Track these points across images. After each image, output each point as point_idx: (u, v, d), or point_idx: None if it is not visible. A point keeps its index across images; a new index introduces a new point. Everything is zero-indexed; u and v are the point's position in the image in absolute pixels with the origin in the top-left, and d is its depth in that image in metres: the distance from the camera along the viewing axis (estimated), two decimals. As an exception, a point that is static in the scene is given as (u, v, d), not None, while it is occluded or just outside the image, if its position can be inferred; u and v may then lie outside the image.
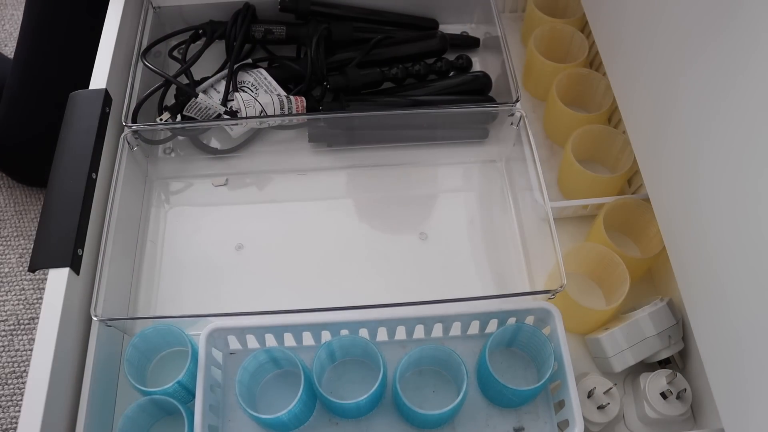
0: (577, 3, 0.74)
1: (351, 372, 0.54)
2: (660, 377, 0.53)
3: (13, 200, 1.02)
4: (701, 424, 0.54)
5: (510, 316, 0.53)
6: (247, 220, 0.66)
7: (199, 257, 0.63)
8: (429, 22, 0.78)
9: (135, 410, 0.51)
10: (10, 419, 0.85)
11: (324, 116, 0.66)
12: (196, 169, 0.69)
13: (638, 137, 0.58)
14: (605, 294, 0.61)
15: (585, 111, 0.66)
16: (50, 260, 0.54)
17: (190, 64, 0.68)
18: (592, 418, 0.53)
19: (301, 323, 0.52)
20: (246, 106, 0.66)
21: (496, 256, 0.64)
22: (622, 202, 0.60)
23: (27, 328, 0.91)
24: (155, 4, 0.74)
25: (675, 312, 0.55)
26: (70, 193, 0.57)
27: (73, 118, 0.62)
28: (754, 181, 0.41)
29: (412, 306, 0.52)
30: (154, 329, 0.54)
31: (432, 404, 0.52)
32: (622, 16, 0.60)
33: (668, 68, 0.51)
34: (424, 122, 0.68)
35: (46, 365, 0.49)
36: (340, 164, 0.69)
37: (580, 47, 0.71)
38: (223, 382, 0.53)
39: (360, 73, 0.70)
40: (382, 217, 0.66)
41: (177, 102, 0.67)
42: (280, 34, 0.73)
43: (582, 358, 0.59)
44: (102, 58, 0.66)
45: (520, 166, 0.64)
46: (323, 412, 0.52)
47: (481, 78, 0.72)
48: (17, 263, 0.96)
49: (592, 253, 0.59)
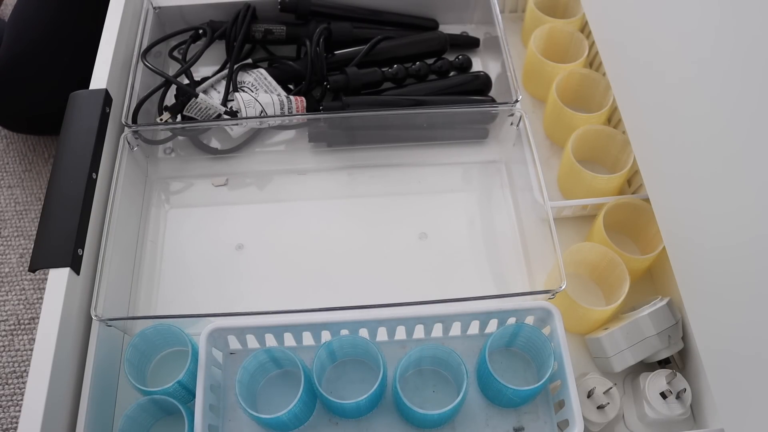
0: (577, 3, 0.74)
1: (351, 372, 0.54)
2: (659, 377, 0.53)
3: (13, 200, 1.02)
4: (701, 424, 0.54)
5: (510, 316, 0.53)
6: (247, 220, 0.66)
7: (200, 257, 0.63)
8: (429, 22, 0.78)
9: (135, 410, 0.51)
10: (10, 419, 0.85)
11: (324, 116, 0.66)
12: (197, 169, 0.69)
13: (638, 137, 0.58)
14: (605, 294, 0.61)
15: (585, 111, 0.66)
16: (50, 260, 0.54)
17: (190, 64, 0.68)
18: (591, 418, 0.53)
19: (301, 323, 0.52)
20: (246, 106, 0.66)
21: (496, 256, 0.64)
22: (621, 202, 0.60)
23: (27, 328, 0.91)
24: (155, 4, 0.74)
25: (674, 312, 0.55)
26: (71, 193, 0.57)
27: (73, 118, 0.62)
28: (754, 181, 0.41)
29: (411, 306, 0.52)
30: (154, 329, 0.54)
31: (432, 404, 0.52)
32: (623, 16, 0.60)
33: (668, 67, 0.51)
34: (424, 122, 0.68)
35: (46, 365, 0.49)
36: (340, 164, 0.69)
37: (579, 47, 0.71)
38: (223, 382, 0.53)
39: (360, 73, 0.70)
40: (382, 217, 0.66)
41: (177, 102, 0.67)
42: (280, 34, 0.73)
43: (582, 358, 0.59)
44: (102, 58, 0.66)
45: (519, 166, 0.64)
46: (323, 412, 0.52)
47: (481, 78, 0.72)
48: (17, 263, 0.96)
49: (591, 253, 0.59)
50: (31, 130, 1.05)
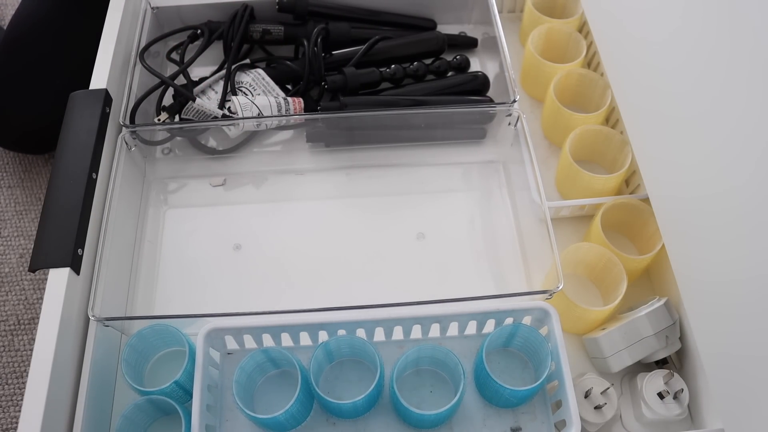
0: (575, 3, 0.74)
1: (348, 372, 0.54)
2: (657, 377, 0.53)
3: (13, 200, 1.02)
4: (698, 424, 0.54)
5: (507, 316, 0.53)
6: (245, 220, 0.66)
7: (197, 257, 0.64)
8: (427, 22, 0.78)
9: (132, 410, 0.51)
10: (10, 419, 0.85)
11: (322, 116, 0.66)
12: (194, 169, 0.69)
13: (638, 137, 0.58)
14: (603, 294, 0.61)
15: (583, 111, 0.66)
16: (50, 260, 0.54)
17: (187, 65, 0.68)
18: (589, 419, 0.53)
19: (298, 323, 0.52)
20: (243, 109, 0.66)
21: (494, 256, 0.64)
22: (619, 202, 0.60)
23: (27, 328, 0.91)
24: (153, 4, 0.74)
25: (672, 312, 0.55)
26: (71, 193, 0.57)
27: (73, 118, 0.62)
28: (754, 181, 0.41)
29: (409, 306, 0.52)
30: (151, 329, 0.54)
31: (429, 404, 0.52)
32: (623, 16, 0.60)
33: (668, 67, 0.51)
34: (421, 122, 0.68)
35: (46, 365, 0.49)
36: (338, 164, 0.69)
37: (577, 47, 0.71)
38: (220, 382, 0.53)
39: (358, 73, 0.70)
40: (380, 217, 0.66)
41: (175, 102, 0.67)
42: (278, 35, 0.73)
43: (579, 359, 0.59)
44: (102, 58, 0.66)
45: (517, 166, 0.64)
46: (320, 412, 0.52)
47: (479, 78, 0.72)
48: (17, 263, 0.96)
49: (589, 254, 0.59)
50: (21, 148, 1.02)
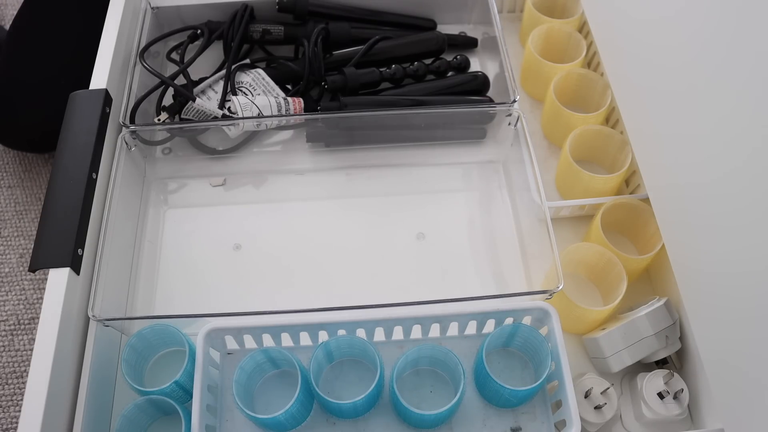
0: (575, 3, 0.74)
1: (348, 372, 0.54)
2: (657, 377, 0.53)
3: (13, 200, 1.02)
4: (698, 424, 0.54)
5: (507, 316, 0.53)
6: (245, 220, 0.66)
7: (197, 257, 0.64)
8: (427, 22, 0.78)
9: (132, 410, 0.51)
10: (10, 419, 0.85)
11: (322, 116, 0.66)
12: (194, 169, 0.69)
13: (638, 137, 0.58)
14: (603, 294, 0.61)
15: (583, 111, 0.66)
16: (50, 260, 0.54)
17: (187, 65, 0.68)
18: (589, 419, 0.53)
19: (298, 323, 0.52)
20: (243, 109, 0.66)
21: (494, 256, 0.64)
22: (619, 202, 0.60)
23: (27, 328, 0.91)
24: (153, 4, 0.74)
25: (672, 312, 0.55)
26: (71, 193, 0.57)
27: (73, 118, 0.62)
28: (754, 180, 0.41)
29: (409, 306, 0.52)
30: (151, 329, 0.54)
31: (429, 404, 0.52)
32: (623, 16, 0.60)
33: (668, 67, 0.51)
34: (422, 122, 0.68)
35: (46, 365, 0.49)
36: (338, 164, 0.69)
37: (577, 47, 0.71)
38: (220, 382, 0.53)
39: (358, 73, 0.70)
40: (380, 217, 0.66)
41: (175, 102, 0.67)
42: (279, 35, 0.73)
43: (579, 359, 0.59)
44: (102, 58, 0.66)
45: (517, 166, 0.64)
46: (320, 412, 0.52)
47: (479, 78, 0.72)
48: (17, 263, 0.96)
49: (589, 253, 0.59)
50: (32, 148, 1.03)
